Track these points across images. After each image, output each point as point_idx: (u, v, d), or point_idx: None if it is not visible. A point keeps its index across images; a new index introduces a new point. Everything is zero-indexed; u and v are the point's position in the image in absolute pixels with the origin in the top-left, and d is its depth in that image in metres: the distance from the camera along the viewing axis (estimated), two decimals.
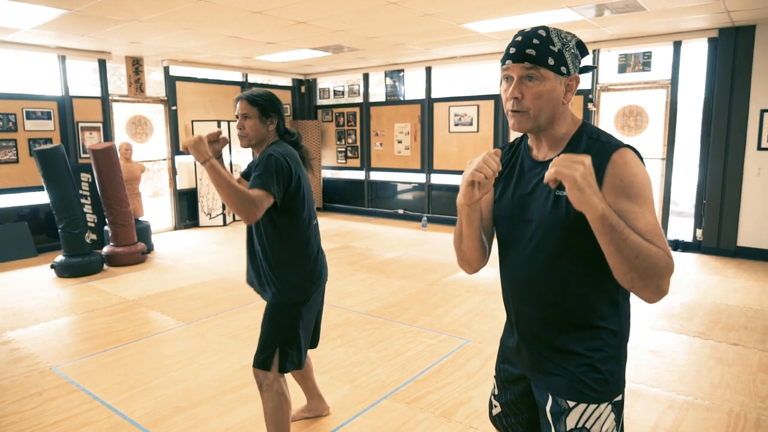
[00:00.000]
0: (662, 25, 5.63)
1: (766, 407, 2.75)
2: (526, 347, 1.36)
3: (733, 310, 4.22)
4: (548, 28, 1.23)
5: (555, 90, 1.23)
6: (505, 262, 1.40)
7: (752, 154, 5.77)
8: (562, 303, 1.28)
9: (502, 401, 1.52)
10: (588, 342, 1.27)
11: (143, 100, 7.46)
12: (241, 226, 8.24)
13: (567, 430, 1.28)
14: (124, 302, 4.64)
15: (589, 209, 1.07)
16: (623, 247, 1.08)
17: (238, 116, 2.14)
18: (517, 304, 1.37)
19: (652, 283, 1.10)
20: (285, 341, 2.15)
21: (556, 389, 1.30)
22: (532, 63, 1.20)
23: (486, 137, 7.74)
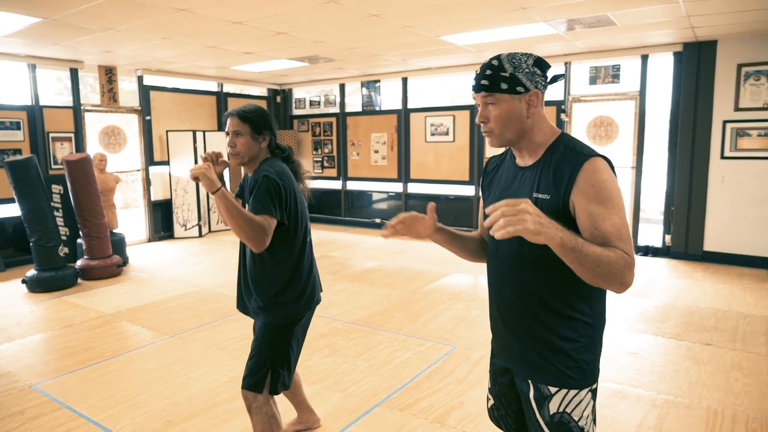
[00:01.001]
0: (630, 40, 5.87)
1: (741, 403, 2.89)
2: (509, 335, 1.49)
3: (703, 312, 4.41)
4: (500, 56, 1.41)
5: (514, 109, 1.39)
6: (492, 257, 1.56)
7: (716, 162, 6.04)
8: (539, 296, 1.41)
9: (493, 393, 1.66)
10: (565, 332, 1.40)
11: (116, 110, 7.33)
12: (217, 238, 8.14)
13: (550, 414, 1.41)
14: (102, 316, 4.54)
15: (549, 241, 1.19)
16: (585, 262, 1.21)
17: (229, 133, 2.07)
18: (501, 293, 1.51)
19: (616, 281, 1.24)
20: (277, 362, 2.10)
21: (537, 377, 1.43)
22: (487, 91, 1.39)
23: (462, 146, 7.88)
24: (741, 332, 3.93)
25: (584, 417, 1.41)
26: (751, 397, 2.95)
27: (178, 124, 8.17)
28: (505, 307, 1.49)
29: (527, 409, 1.47)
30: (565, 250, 1.20)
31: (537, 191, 1.38)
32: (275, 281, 2.08)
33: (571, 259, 1.22)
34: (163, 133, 7.92)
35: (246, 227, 1.89)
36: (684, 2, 4.30)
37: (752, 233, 5.91)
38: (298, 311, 2.12)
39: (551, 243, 1.19)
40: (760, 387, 3.07)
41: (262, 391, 2.07)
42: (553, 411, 1.40)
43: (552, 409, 1.41)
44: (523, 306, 1.44)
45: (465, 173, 7.89)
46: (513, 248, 1.44)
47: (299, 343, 2.19)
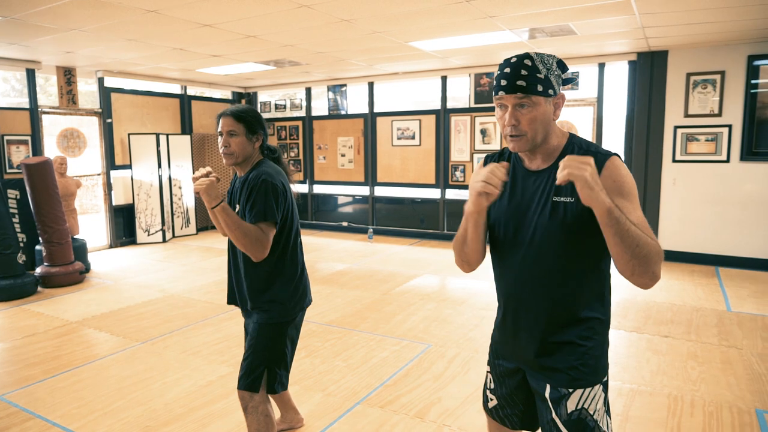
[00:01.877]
0: (589, 48, 6.14)
1: (698, 389, 3.09)
2: (525, 338, 1.47)
3: (660, 306, 4.66)
4: (532, 56, 1.36)
5: (546, 112, 1.38)
6: (504, 265, 1.52)
7: (668, 165, 6.38)
8: (562, 298, 1.42)
9: (498, 394, 1.64)
10: (582, 332, 1.42)
11: (76, 112, 7.11)
12: (182, 243, 7.99)
13: (568, 413, 1.42)
14: (68, 324, 4.41)
15: (598, 204, 1.21)
16: (627, 237, 1.22)
17: (222, 133, 2.07)
18: (520, 302, 1.48)
19: (649, 269, 1.25)
20: (273, 361, 2.12)
21: (554, 378, 1.43)
22: (524, 93, 1.34)
23: (428, 150, 8.02)
24: (695, 324, 4.18)
25: (598, 410, 1.44)
26: (706, 383, 3.16)
27: (140, 127, 7.99)
28: (524, 313, 1.48)
29: (541, 409, 1.48)
30: (610, 219, 1.21)
31: (557, 195, 1.38)
32: (270, 281, 2.09)
33: (614, 231, 1.22)
34: (124, 136, 7.73)
35: (245, 240, 1.93)
36: (640, 15, 4.55)
37: (702, 232, 6.27)
38: (292, 311, 2.14)
39: (600, 207, 1.21)
40: (713, 374, 3.29)
41: (258, 390, 2.08)
42: (571, 409, 1.42)
43: (570, 408, 1.42)
44: (542, 310, 1.44)
45: (431, 176, 8.03)
46: (531, 252, 1.43)
47: (293, 343, 2.21)
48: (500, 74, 1.37)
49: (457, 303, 4.82)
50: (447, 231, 7.99)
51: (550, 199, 1.39)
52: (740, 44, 5.83)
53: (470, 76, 7.59)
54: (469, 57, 6.66)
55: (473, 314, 4.49)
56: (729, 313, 4.44)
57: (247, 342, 2.15)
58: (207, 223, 9.12)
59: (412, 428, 2.69)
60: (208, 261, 6.71)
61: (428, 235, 8.17)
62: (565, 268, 1.41)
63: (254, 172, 2.06)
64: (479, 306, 4.71)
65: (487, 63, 7.15)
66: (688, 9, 4.39)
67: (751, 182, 5.99)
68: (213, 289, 5.40)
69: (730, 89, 5.97)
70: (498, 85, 1.37)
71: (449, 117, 7.80)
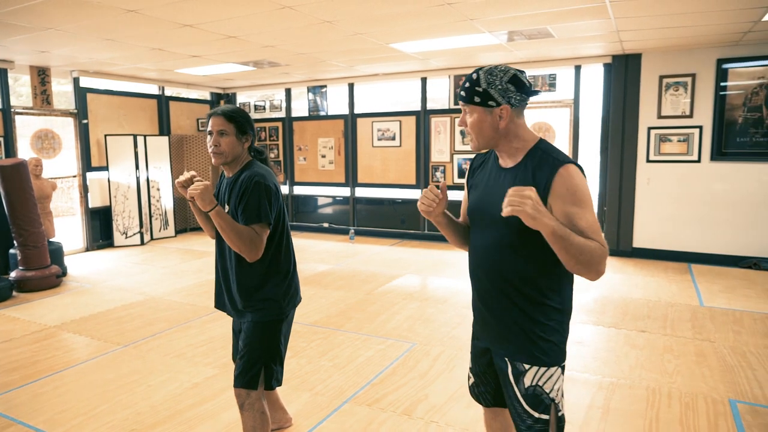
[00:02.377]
0: (565, 51, 6.28)
1: (674, 381, 3.20)
2: (489, 318, 1.67)
3: (637, 302, 4.79)
4: (480, 71, 1.56)
5: (484, 120, 1.56)
6: (473, 246, 1.73)
7: (642, 165, 6.56)
8: (515, 282, 1.59)
9: (474, 372, 1.84)
10: (537, 316, 1.58)
11: (50, 113, 6.97)
12: (160, 245, 7.89)
13: (525, 387, 1.60)
14: (46, 329, 4.33)
15: (543, 228, 1.38)
16: (571, 249, 1.39)
17: (212, 132, 2.07)
18: (482, 279, 1.68)
19: (592, 269, 1.43)
20: (270, 358, 2.14)
21: (513, 355, 1.61)
22: (464, 102, 1.59)
23: (408, 151, 8.08)
24: (670, 319, 4.32)
25: (554, 390, 1.59)
26: (682, 376, 3.27)
27: (117, 128, 7.86)
28: (485, 293, 1.67)
29: (505, 384, 1.65)
30: (555, 238, 1.38)
31: None
32: (264, 280, 2.11)
33: (560, 246, 1.39)
34: (101, 138, 7.60)
35: (239, 241, 1.95)
36: (615, 19, 4.68)
37: (674, 230, 6.46)
38: (285, 308, 2.17)
39: (544, 230, 1.37)
40: (689, 366, 3.41)
41: (257, 387, 2.11)
42: (528, 384, 1.59)
43: (527, 383, 1.60)
44: (501, 292, 1.62)
45: (412, 177, 8.09)
46: (494, 239, 1.61)
47: (286, 340, 2.24)
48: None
49: (440, 302, 4.88)
50: (428, 231, 8.06)
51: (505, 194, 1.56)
52: (710, 48, 6.03)
53: (450, 78, 7.68)
54: (448, 59, 6.73)
55: (456, 313, 4.55)
56: (702, 308, 4.60)
57: (242, 341, 2.15)
58: (186, 225, 9.02)
59: (400, 425, 2.73)
60: (189, 263, 6.65)
61: (409, 235, 8.22)
62: (519, 258, 1.57)
63: (246, 173, 2.07)
64: (461, 305, 4.78)
65: (467, 65, 7.24)
66: (662, 14, 4.53)
67: (720, 182, 6.20)
68: (195, 291, 5.36)
69: (700, 91, 6.17)
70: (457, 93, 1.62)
71: (429, 118, 7.87)
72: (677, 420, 2.75)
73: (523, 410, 1.60)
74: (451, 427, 2.70)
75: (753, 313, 4.44)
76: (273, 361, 2.16)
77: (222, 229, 1.94)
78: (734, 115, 6.08)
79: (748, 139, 6.05)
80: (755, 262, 6.02)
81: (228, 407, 2.94)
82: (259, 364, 2.11)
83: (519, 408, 1.61)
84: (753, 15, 4.56)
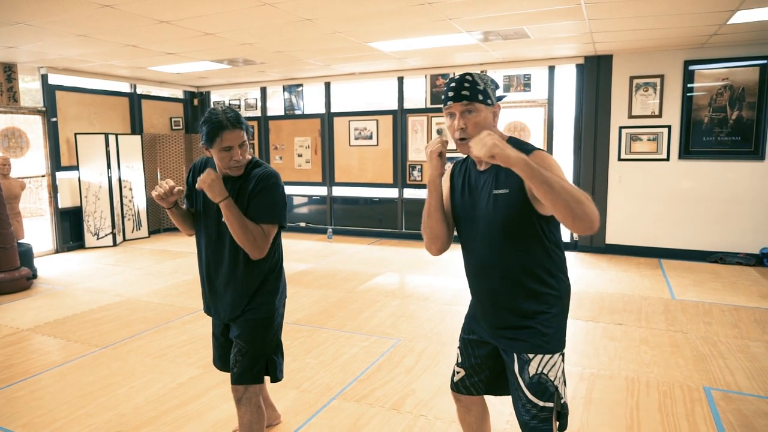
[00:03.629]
0: (540, 52, 6.40)
1: (651, 371, 3.31)
2: (491, 315, 1.72)
3: (612, 297, 4.93)
4: (472, 74, 1.62)
5: (487, 117, 1.62)
6: (466, 251, 1.78)
7: (614, 164, 6.74)
8: (514, 277, 1.64)
9: (466, 365, 1.88)
10: (538, 305, 1.63)
11: (17, 111, 6.75)
12: (133, 246, 7.73)
13: (530, 376, 1.64)
14: (19, 332, 4.19)
15: (513, 162, 1.37)
16: (554, 184, 1.35)
17: (232, 147, 1.94)
18: (480, 282, 1.73)
19: (586, 208, 1.36)
20: (271, 351, 2.16)
21: (519, 348, 1.66)
22: (469, 100, 1.58)
23: (386, 150, 8.11)
24: (644, 312, 4.46)
25: (557, 377, 1.64)
26: (658, 366, 3.38)
27: (88, 127, 7.66)
28: (486, 289, 1.72)
29: (511, 375, 1.69)
30: (531, 169, 1.35)
31: (496, 189, 1.63)
32: (264, 278, 2.11)
33: (540, 180, 1.35)
34: (71, 136, 7.39)
35: (245, 237, 1.92)
36: (589, 20, 4.80)
37: (645, 227, 6.67)
38: (281, 304, 2.19)
39: (516, 163, 1.36)
40: (664, 357, 3.53)
41: (263, 381, 2.13)
42: (532, 373, 1.63)
43: (531, 372, 1.63)
44: (502, 287, 1.67)
45: (389, 176, 8.12)
46: (488, 238, 1.66)
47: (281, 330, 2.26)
48: (447, 89, 1.63)
49: (422, 299, 4.92)
50: (405, 230, 8.10)
51: (492, 193, 1.63)
52: (678, 50, 6.24)
53: (426, 78, 7.74)
54: (425, 58, 6.79)
55: (438, 309, 4.60)
56: (674, 301, 4.76)
57: (242, 339, 2.11)
58: (159, 225, 8.85)
59: (389, 420, 2.75)
60: (164, 264, 6.53)
61: (387, 234, 8.25)
62: (511, 249, 1.63)
63: (259, 171, 2.04)
64: (443, 301, 4.83)
65: (443, 65, 7.32)
66: (633, 16, 4.67)
67: (688, 179, 6.42)
68: (172, 292, 5.27)
69: (668, 92, 6.38)
70: (446, 97, 1.62)
71: (406, 117, 7.91)
72: (656, 407, 2.84)
73: (527, 400, 1.64)
74: (440, 420, 2.74)
75: (721, 305, 4.62)
76: (275, 354, 2.18)
77: (230, 222, 1.91)
78: (700, 115, 6.31)
79: (713, 138, 6.29)
80: (721, 256, 6.26)
81: (215, 406, 2.91)
82: (263, 359, 2.13)
83: (523, 398, 1.65)
84: (719, 18, 4.75)
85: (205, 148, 1.99)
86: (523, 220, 1.60)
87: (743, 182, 6.17)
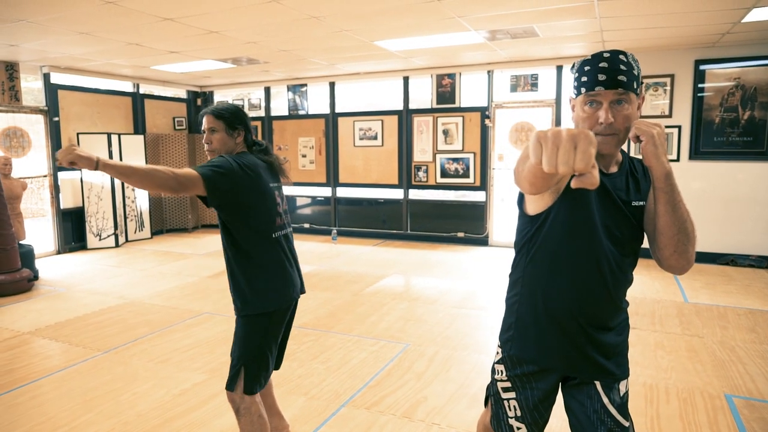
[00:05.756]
0: (547, 51, 6.31)
1: (670, 377, 3.21)
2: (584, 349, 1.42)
3: None
4: (626, 53, 1.30)
5: (636, 111, 1.32)
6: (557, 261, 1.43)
7: None
8: (617, 298, 1.45)
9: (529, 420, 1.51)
10: (622, 326, 1.50)
11: (19, 110, 6.67)
12: (137, 247, 7.65)
13: (620, 396, 1.47)
14: (19, 335, 4.11)
15: (659, 165, 1.20)
16: (678, 208, 1.23)
17: (205, 131, 2.14)
18: (574, 302, 1.41)
19: (690, 248, 1.26)
20: (249, 358, 2.06)
21: (606, 374, 1.45)
22: (625, 89, 1.27)
23: (391, 151, 8.02)
24: (658, 316, 4.36)
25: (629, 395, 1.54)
26: (676, 371, 3.29)
27: (90, 126, 7.59)
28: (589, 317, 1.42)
29: (589, 401, 1.47)
30: (668, 183, 1.21)
31: (635, 199, 1.39)
32: (246, 271, 2.07)
33: (668, 198, 1.22)
34: (73, 136, 7.31)
35: (146, 177, 1.74)
36: (601, 18, 4.71)
37: None
38: (270, 302, 2.08)
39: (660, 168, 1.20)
40: (681, 362, 3.44)
41: (234, 389, 2.04)
42: (622, 393, 1.48)
43: (621, 391, 1.48)
44: (604, 311, 1.43)
45: (394, 177, 8.03)
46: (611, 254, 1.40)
47: (274, 338, 2.14)
48: (595, 68, 1.29)
49: (429, 302, 4.83)
50: (410, 231, 8.01)
51: (630, 203, 1.39)
52: (688, 49, 6.15)
53: (432, 77, 7.65)
54: (431, 58, 6.70)
55: (446, 313, 4.51)
56: (687, 304, 4.66)
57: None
58: (162, 226, 8.77)
59: (401, 428, 2.66)
60: (168, 265, 6.44)
61: (392, 235, 8.16)
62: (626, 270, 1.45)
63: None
64: (451, 304, 4.74)
65: (449, 64, 7.23)
66: (645, 14, 4.58)
67: (698, 180, 6.32)
68: (176, 294, 5.19)
69: (679, 92, 6.29)
70: (594, 80, 1.28)
71: (411, 117, 7.83)
72: (677, 416, 2.75)
73: (615, 423, 1.45)
74: (454, 428, 2.65)
75: (736, 309, 4.52)
76: (253, 361, 2.06)
77: (123, 175, 1.72)
78: (711, 115, 6.21)
79: (724, 138, 6.19)
80: (732, 258, 6.16)
81: (220, 414, 2.83)
82: (239, 365, 2.05)
83: (609, 422, 1.45)
84: (734, 16, 4.65)
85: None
86: (642, 237, 1.43)
87: (754, 183, 6.07)
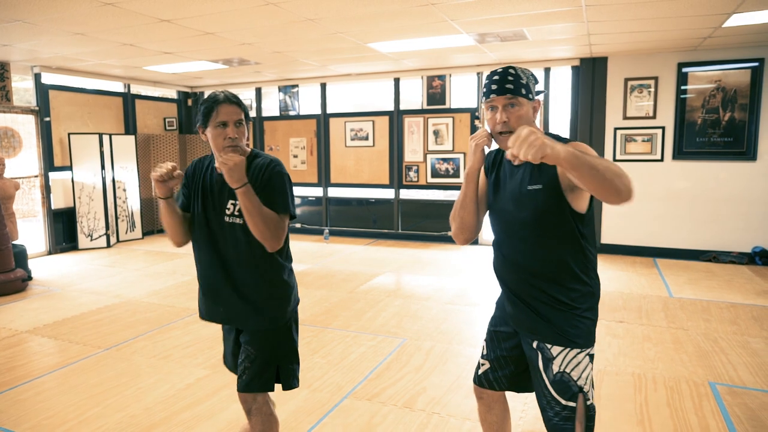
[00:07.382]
0: (536, 54, 6.46)
1: (656, 367, 3.35)
2: (520, 305, 1.72)
3: (611, 295, 4.98)
4: (515, 67, 1.65)
5: (528, 112, 1.65)
6: (497, 245, 1.81)
7: None
8: (544, 273, 1.66)
9: (491, 358, 1.88)
10: (567, 301, 1.64)
11: (10, 110, 6.64)
12: (128, 247, 7.64)
13: (554, 374, 1.64)
14: (18, 334, 4.13)
15: (562, 158, 1.29)
16: (598, 167, 1.32)
17: (227, 123, 1.83)
18: (510, 276, 1.75)
19: (625, 181, 1.36)
20: (285, 360, 1.98)
21: (543, 335, 1.66)
22: (512, 94, 1.61)
23: (382, 151, 8.12)
24: (644, 310, 4.52)
25: (582, 377, 1.63)
26: (663, 362, 3.43)
27: (81, 127, 7.57)
28: (518, 282, 1.73)
29: (535, 372, 1.71)
30: (576, 159, 1.29)
31: (530, 184, 1.64)
32: (281, 277, 1.96)
33: (588, 167, 1.30)
34: (64, 136, 7.30)
35: (265, 226, 1.77)
36: (588, 22, 4.86)
37: (640, 226, 6.75)
38: (296, 305, 2.04)
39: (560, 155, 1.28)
40: (668, 353, 3.58)
41: (273, 389, 1.95)
42: (556, 371, 1.64)
43: (555, 369, 1.64)
44: (534, 280, 1.68)
45: (385, 177, 8.13)
46: (522, 232, 1.69)
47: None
48: (490, 81, 1.64)
49: (423, 299, 4.94)
50: (402, 231, 8.11)
51: (527, 188, 1.64)
52: (671, 52, 6.34)
53: (422, 79, 7.77)
54: (422, 60, 6.82)
55: (441, 309, 4.62)
56: (672, 299, 4.83)
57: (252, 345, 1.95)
58: (153, 226, 8.77)
59: (402, 417, 2.76)
60: (161, 265, 6.47)
61: (383, 235, 8.26)
62: (544, 246, 1.65)
63: (260, 161, 1.92)
64: (445, 301, 4.85)
65: (439, 66, 7.35)
66: (632, 18, 4.74)
67: (681, 179, 6.52)
68: (172, 292, 5.23)
69: (663, 94, 6.48)
70: (489, 90, 1.63)
71: (402, 118, 7.93)
72: (665, 403, 2.89)
73: (552, 397, 1.65)
74: (453, 417, 2.75)
75: (719, 303, 4.70)
76: (289, 362, 1.99)
77: (248, 211, 1.75)
78: (694, 117, 6.41)
79: (706, 139, 6.39)
80: (714, 255, 6.36)
81: (225, 407, 2.90)
82: (273, 366, 1.94)
83: (548, 395, 1.66)
84: (715, 21, 4.84)
85: (201, 131, 1.89)
86: (557, 216, 1.61)
87: (735, 182, 6.28)
